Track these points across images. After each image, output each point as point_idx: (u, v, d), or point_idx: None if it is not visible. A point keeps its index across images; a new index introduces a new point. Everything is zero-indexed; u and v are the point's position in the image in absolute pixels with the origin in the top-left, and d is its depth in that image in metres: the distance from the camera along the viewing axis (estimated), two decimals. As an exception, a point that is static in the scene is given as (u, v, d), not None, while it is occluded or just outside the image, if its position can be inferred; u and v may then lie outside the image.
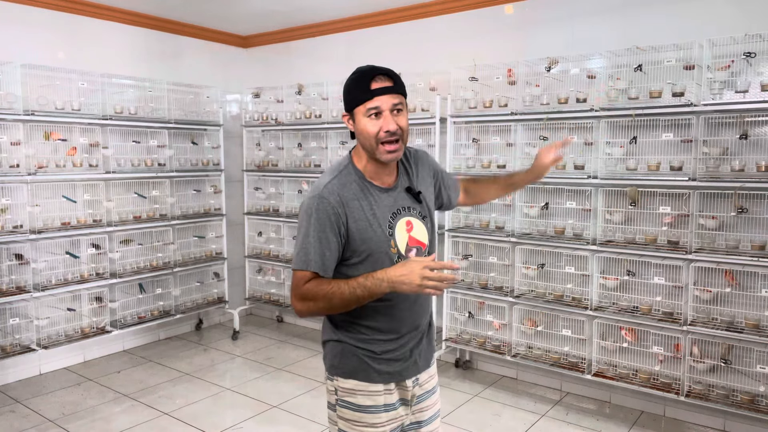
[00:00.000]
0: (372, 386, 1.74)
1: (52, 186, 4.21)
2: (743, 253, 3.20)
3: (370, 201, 1.69)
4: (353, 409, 1.75)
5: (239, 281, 5.70)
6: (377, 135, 1.63)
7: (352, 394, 1.75)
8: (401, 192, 1.77)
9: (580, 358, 3.79)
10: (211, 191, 5.35)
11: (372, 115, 1.63)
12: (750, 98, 3.13)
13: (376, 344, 1.74)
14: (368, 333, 1.74)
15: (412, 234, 1.75)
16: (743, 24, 3.28)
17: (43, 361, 4.39)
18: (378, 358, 1.74)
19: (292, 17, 5.09)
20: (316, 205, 1.64)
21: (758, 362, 3.19)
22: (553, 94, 3.81)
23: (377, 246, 1.67)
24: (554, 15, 4.01)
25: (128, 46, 4.88)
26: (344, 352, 1.76)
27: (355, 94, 1.65)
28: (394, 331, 1.75)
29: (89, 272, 4.38)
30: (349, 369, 1.75)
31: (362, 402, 1.74)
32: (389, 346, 1.75)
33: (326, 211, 1.63)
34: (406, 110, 1.69)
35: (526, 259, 4.03)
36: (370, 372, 1.74)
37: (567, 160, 3.80)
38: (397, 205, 1.74)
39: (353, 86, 1.66)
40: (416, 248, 1.75)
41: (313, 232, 1.63)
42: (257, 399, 3.94)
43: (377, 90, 1.62)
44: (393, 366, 1.76)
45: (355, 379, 1.74)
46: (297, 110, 5.10)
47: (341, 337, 1.76)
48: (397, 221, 1.72)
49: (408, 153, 1.84)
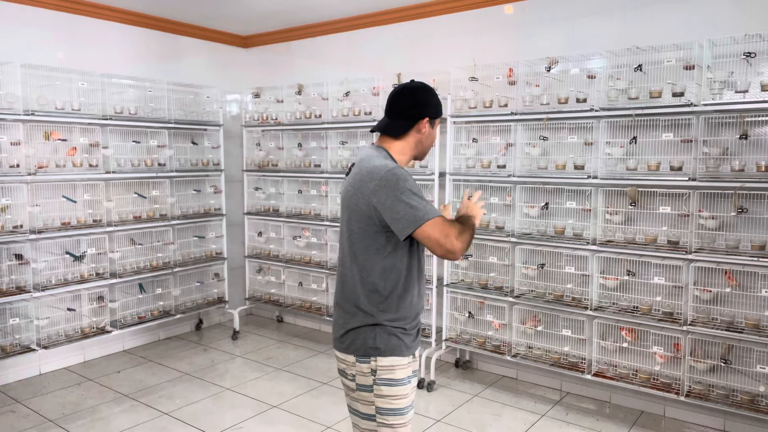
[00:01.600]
0: (405, 360, 1.97)
1: (52, 186, 4.21)
2: (743, 253, 3.20)
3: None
4: (391, 384, 1.94)
5: (239, 281, 5.70)
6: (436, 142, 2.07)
7: (391, 371, 1.94)
8: None
9: (580, 358, 3.79)
10: (211, 191, 5.35)
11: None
12: (750, 98, 3.13)
13: (405, 321, 1.97)
14: (400, 316, 1.96)
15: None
16: (743, 24, 3.28)
17: (43, 361, 4.39)
18: (408, 334, 1.99)
19: (292, 17, 5.09)
20: (405, 174, 1.88)
21: (758, 362, 3.19)
22: (553, 94, 3.81)
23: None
24: (554, 15, 4.01)
25: (128, 46, 4.88)
26: (383, 333, 1.94)
27: (439, 107, 2.06)
28: (416, 310, 2.02)
29: (89, 272, 4.38)
30: (390, 347, 1.94)
31: (399, 375, 1.95)
32: (413, 322, 2.02)
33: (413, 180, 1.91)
34: None
35: (526, 259, 4.03)
36: (403, 348, 1.97)
37: (567, 160, 3.80)
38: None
39: (437, 101, 2.06)
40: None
41: (416, 192, 1.86)
42: (257, 399, 3.94)
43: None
44: (415, 340, 2.04)
45: (393, 355, 1.94)
46: (297, 110, 5.10)
47: (378, 320, 1.94)
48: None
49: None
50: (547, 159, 3.89)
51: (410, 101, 2.01)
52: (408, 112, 2.00)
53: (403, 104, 2.01)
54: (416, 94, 2.02)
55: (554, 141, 3.91)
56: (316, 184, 5.17)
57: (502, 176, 4.04)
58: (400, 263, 1.94)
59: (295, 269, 5.28)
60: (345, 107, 4.76)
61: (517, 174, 3.96)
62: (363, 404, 2.00)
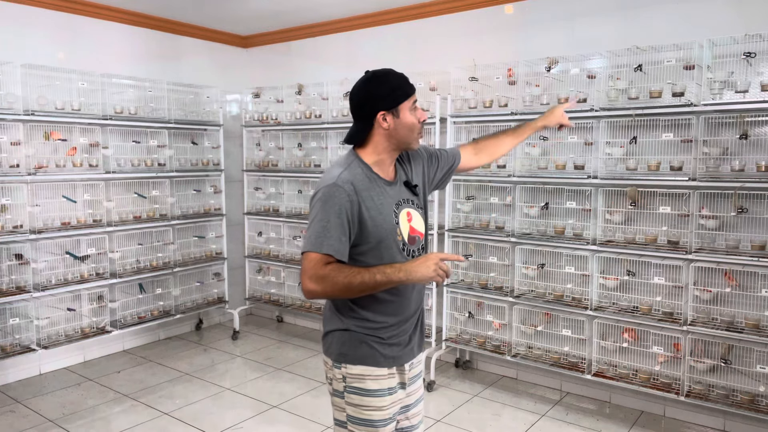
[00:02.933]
0: (379, 370, 1.84)
1: (52, 186, 4.21)
2: (743, 253, 3.20)
3: (378, 192, 1.80)
4: (361, 393, 1.83)
5: (239, 281, 5.70)
6: (417, 125, 1.82)
7: (360, 380, 1.83)
8: (401, 185, 1.89)
9: (580, 358, 3.79)
10: (211, 191, 5.35)
11: (413, 108, 1.82)
12: (750, 98, 3.13)
13: (383, 330, 1.84)
14: (376, 320, 1.83)
15: (412, 224, 1.87)
16: (743, 24, 3.28)
17: (43, 361, 4.39)
18: (384, 343, 1.84)
19: (292, 17, 5.09)
20: (331, 192, 1.72)
21: (758, 362, 3.19)
22: (553, 94, 3.81)
23: (387, 233, 1.78)
24: (554, 15, 4.01)
25: (128, 46, 4.88)
26: (352, 339, 1.83)
27: (402, 89, 1.81)
28: (399, 315, 1.86)
29: (89, 272, 4.38)
30: (359, 355, 1.83)
31: (370, 386, 1.83)
32: (394, 332, 1.86)
33: (342, 198, 1.72)
34: None
35: (526, 259, 4.03)
36: (377, 357, 1.83)
37: (567, 160, 3.80)
38: (400, 197, 1.86)
39: (397, 83, 1.81)
40: (416, 237, 1.88)
41: (332, 217, 1.70)
42: (257, 399, 3.94)
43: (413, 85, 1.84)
44: (396, 351, 1.87)
45: (363, 364, 1.83)
46: (297, 110, 5.10)
47: (349, 326, 1.83)
48: (400, 211, 1.84)
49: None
50: (547, 159, 3.89)
51: (359, 99, 1.82)
52: (360, 113, 1.82)
53: (354, 104, 1.83)
54: (363, 89, 1.81)
55: (554, 141, 3.91)
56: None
57: (502, 176, 4.04)
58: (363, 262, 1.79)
59: (295, 269, 5.28)
60: (345, 107, 4.76)
61: (517, 174, 3.96)
62: (336, 409, 1.91)
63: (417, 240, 1.89)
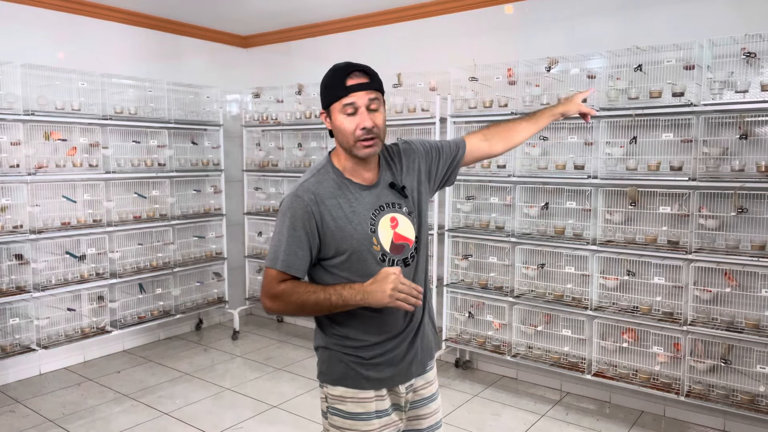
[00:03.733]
0: (362, 393, 1.70)
1: (52, 186, 4.21)
2: (743, 253, 3.20)
3: (348, 198, 1.66)
4: (344, 416, 1.71)
5: (239, 281, 5.70)
6: (354, 132, 1.60)
7: (341, 401, 1.72)
8: (384, 188, 1.72)
9: (580, 358, 3.79)
10: (211, 191, 5.35)
11: (349, 112, 1.61)
12: (750, 98, 3.13)
13: (363, 350, 1.70)
14: (355, 338, 1.70)
15: (397, 230, 1.70)
16: (743, 24, 3.28)
17: (43, 361, 4.39)
18: (366, 364, 1.70)
19: (292, 17, 5.09)
20: (290, 203, 1.63)
21: (758, 362, 3.19)
22: (553, 94, 3.80)
23: (358, 244, 1.64)
24: (554, 15, 4.01)
25: (128, 46, 4.88)
26: (331, 358, 1.73)
27: (331, 90, 1.63)
28: (379, 335, 1.70)
29: (89, 272, 4.38)
30: (337, 376, 1.72)
31: (352, 409, 1.70)
32: (377, 351, 1.71)
33: (300, 210, 1.62)
34: (383, 107, 1.67)
35: (526, 259, 4.03)
36: (359, 379, 1.70)
37: (567, 160, 3.80)
38: (380, 202, 1.70)
39: (329, 83, 1.64)
40: (404, 245, 1.71)
41: (286, 230, 1.62)
42: (257, 399, 3.94)
43: (353, 86, 1.60)
44: (383, 372, 1.72)
45: (343, 386, 1.71)
46: (297, 110, 5.10)
47: (328, 344, 1.74)
48: (380, 218, 1.68)
49: (390, 149, 1.81)
50: (547, 159, 3.89)
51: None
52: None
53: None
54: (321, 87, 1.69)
55: (554, 141, 3.91)
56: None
57: (502, 176, 4.04)
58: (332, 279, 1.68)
59: (295, 269, 5.28)
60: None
61: (517, 174, 3.96)
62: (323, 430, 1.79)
63: (405, 248, 1.71)
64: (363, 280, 1.60)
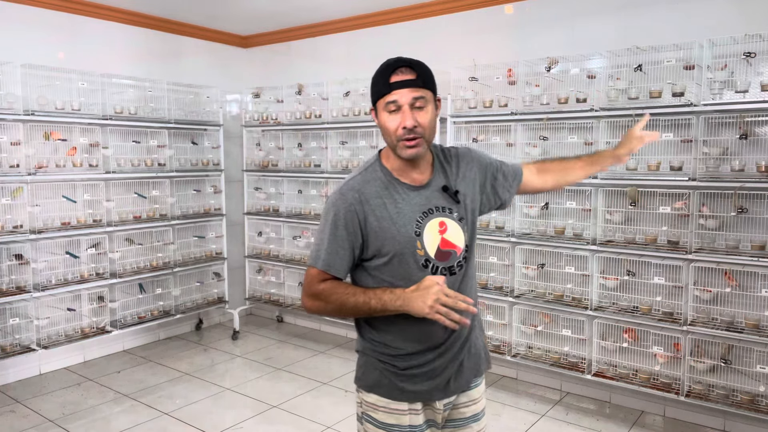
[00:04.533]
0: (394, 404, 1.64)
1: (52, 186, 4.21)
2: (743, 253, 3.20)
3: (395, 199, 1.60)
4: (376, 425, 1.66)
5: (239, 281, 5.70)
6: (396, 131, 1.55)
7: (374, 410, 1.67)
8: (436, 191, 1.65)
9: (580, 358, 3.79)
10: (211, 191, 5.35)
11: (392, 110, 1.55)
12: (750, 98, 3.13)
13: (399, 359, 1.64)
14: (392, 345, 1.64)
15: (445, 236, 1.62)
16: (743, 24, 3.28)
17: (43, 361, 4.39)
18: (401, 375, 1.64)
19: (292, 17, 5.09)
20: (334, 201, 1.60)
21: (758, 362, 3.19)
22: (553, 94, 3.81)
23: (401, 246, 1.57)
24: (554, 15, 4.01)
25: (128, 46, 4.88)
26: (367, 364, 1.69)
27: (376, 87, 1.59)
28: (417, 344, 1.63)
29: (89, 272, 4.38)
30: (371, 383, 1.67)
31: (384, 419, 1.65)
32: (413, 362, 1.63)
33: (343, 209, 1.58)
34: (431, 105, 1.59)
35: (526, 259, 4.03)
36: (392, 389, 1.64)
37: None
38: (430, 205, 1.62)
39: (375, 79, 1.60)
40: (451, 252, 1.62)
41: (328, 229, 1.59)
42: (257, 399, 3.94)
43: (396, 83, 1.54)
44: (418, 384, 1.64)
45: (376, 394, 1.66)
46: (297, 110, 5.10)
47: (365, 349, 1.69)
48: (427, 221, 1.61)
49: (447, 151, 1.74)
50: (547, 159, 3.89)
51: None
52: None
53: None
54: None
55: (554, 141, 3.91)
56: (316, 184, 5.17)
57: (502, 176, 4.03)
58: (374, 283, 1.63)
59: (295, 269, 5.28)
60: (345, 107, 4.76)
61: (517, 174, 3.95)
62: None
63: (452, 255, 1.62)
64: (405, 285, 1.55)
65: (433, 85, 1.61)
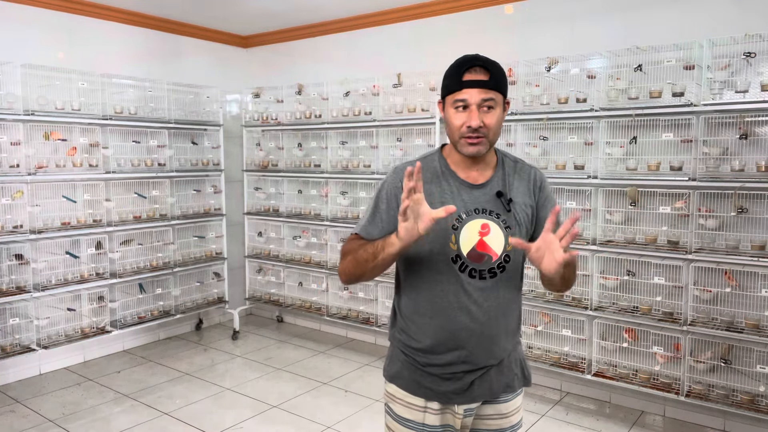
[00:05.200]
0: (411, 398, 1.63)
1: (52, 186, 4.20)
2: (743, 253, 3.20)
3: (443, 189, 1.60)
4: (393, 417, 1.67)
5: (239, 281, 5.70)
6: (460, 128, 1.55)
7: (393, 401, 1.68)
8: (490, 194, 1.61)
9: (580, 358, 3.79)
10: (211, 191, 5.35)
11: (459, 108, 1.55)
12: (750, 98, 3.13)
13: (420, 354, 1.63)
14: (414, 339, 1.63)
15: (485, 239, 1.58)
16: (743, 24, 3.28)
17: (43, 361, 4.39)
18: (421, 371, 1.63)
19: (292, 17, 5.09)
20: (388, 175, 1.65)
21: (758, 362, 3.19)
22: (553, 94, 3.81)
23: (435, 236, 1.54)
24: (554, 15, 4.01)
25: (128, 46, 4.88)
26: (393, 354, 1.70)
27: (448, 82, 1.59)
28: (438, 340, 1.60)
29: (89, 272, 4.38)
30: (393, 372, 1.68)
31: (401, 412, 1.65)
32: (434, 360, 1.61)
33: (391, 183, 1.62)
34: (500, 108, 1.57)
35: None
36: (411, 382, 1.63)
37: (567, 160, 3.80)
38: (477, 205, 1.60)
39: (449, 73, 1.60)
40: (486, 255, 1.58)
41: (373, 202, 1.64)
42: (257, 399, 3.94)
43: (468, 82, 1.54)
44: (437, 384, 1.61)
45: (396, 384, 1.66)
46: (297, 110, 5.10)
47: (393, 339, 1.71)
48: (470, 219, 1.58)
49: (517, 164, 1.70)
50: (547, 159, 3.89)
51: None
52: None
53: None
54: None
55: (554, 141, 3.91)
56: (316, 184, 5.17)
57: (502, 176, 4.03)
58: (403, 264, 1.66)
59: (295, 269, 5.28)
60: (345, 107, 4.76)
61: (517, 174, 3.95)
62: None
63: (486, 259, 1.58)
64: (433, 277, 1.57)
65: (504, 87, 1.60)
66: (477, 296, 1.57)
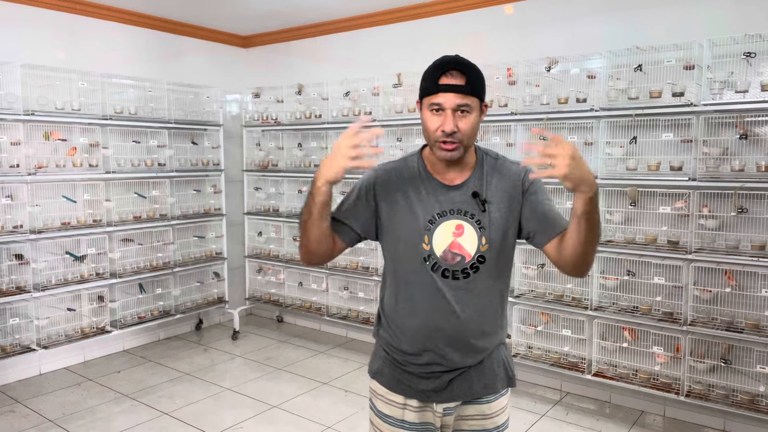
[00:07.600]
0: (391, 394, 1.65)
1: (52, 186, 4.20)
2: (743, 253, 3.20)
3: (419, 190, 1.61)
4: (376, 413, 1.70)
5: (239, 281, 5.70)
6: (435, 132, 1.55)
7: (375, 396, 1.71)
8: (465, 194, 1.60)
9: (580, 358, 3.79)
10: (211, 191, 5.35)
11: (434, 110, 1.54)
12: (750, 98, 3.13)
13: (398, 353, 1.64)
14: (394, 334, 1.65)
15: (459, 239, 1.58)
16: (743, 24, 3.28)
17: (43, 361, 4.39)
18: (400, 368, 1.64)
19: (292, 17, 5.09)
20: (366, 174, 1.68)
21: (758, 362, 3.19)
22: (553, 94, 3.81)
23: (409, 235, 1.58)
24: (554, 15, 4.01)
25: (128, 46, 4.88)
26: (376, 350, 1.74)
27: (425, 84, 1.57)
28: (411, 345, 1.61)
29: (89, 272, 4.38)
30: (375, 369, 1.71)
31: (381, 408, 1.68)
32: (411, 360, 1.62)
33: (365, 182, 1.66)
34: (476, 112, 1.55)
35: (526, 259, 4.03)
36: (391, 378, 1.66)
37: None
38: (453, 205, 1.59)
39: (426, 75, 1.59)
40: (459, 256, 1.58)
41: (349, 193, 1.67)
42: (257, 399, 3.94)
43: (443, 86, 1.52)
44: (415, 382, 1.62)
45: (377, 381, 1.69)
46: (297, 110, 5.10)
47: (375, 335, 1.74)
48: (444, 220, 1.58)
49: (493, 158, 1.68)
50: (547, 159, 3.89)
51: None
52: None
53: None
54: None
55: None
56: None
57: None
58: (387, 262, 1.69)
59: (295, 269, 5.28)
60: (345, 107, 4.76)
61: (517, 174, 3.95)
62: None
63: (459, 260, 1.57)
64: (407, 277, 1.61)
65: (481, 92, 1.58)
66: (450, 296, 1.57)
